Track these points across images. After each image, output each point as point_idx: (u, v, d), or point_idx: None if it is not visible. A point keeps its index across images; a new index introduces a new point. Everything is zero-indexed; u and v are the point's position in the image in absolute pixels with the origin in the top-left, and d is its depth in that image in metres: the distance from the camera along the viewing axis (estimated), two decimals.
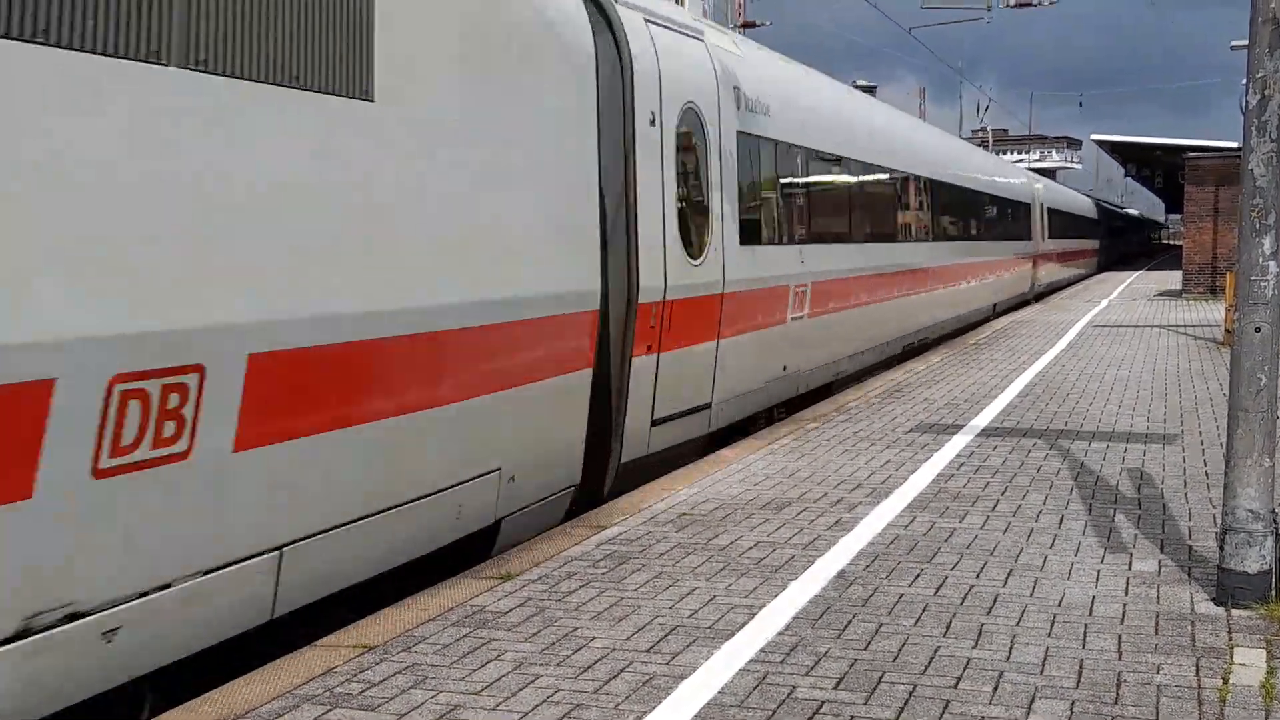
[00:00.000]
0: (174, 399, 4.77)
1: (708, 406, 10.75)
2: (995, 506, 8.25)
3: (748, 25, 41.57)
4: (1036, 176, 39.76)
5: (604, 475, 9.07)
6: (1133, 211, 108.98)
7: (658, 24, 9.96)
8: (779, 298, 12.39)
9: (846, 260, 14.93)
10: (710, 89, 10.80)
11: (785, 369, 12.78)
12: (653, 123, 9.51)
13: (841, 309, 14.72)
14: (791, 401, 13.39)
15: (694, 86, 10.41)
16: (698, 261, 10.30)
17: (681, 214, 10.04)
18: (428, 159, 6.44)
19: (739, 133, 11.45)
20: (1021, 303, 32.48)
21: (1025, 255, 32.24)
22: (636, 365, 9.25)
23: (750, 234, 11.68)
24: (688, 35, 10.60)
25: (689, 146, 10.34)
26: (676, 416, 10.11)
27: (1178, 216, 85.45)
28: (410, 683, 5.12)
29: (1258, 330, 6.03)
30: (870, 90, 39.20)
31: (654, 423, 9.68)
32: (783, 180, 12.93)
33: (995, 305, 28.42)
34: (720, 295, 10.79)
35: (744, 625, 5.82)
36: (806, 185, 13.77)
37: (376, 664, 5.34)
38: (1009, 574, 6.66)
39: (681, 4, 12.34)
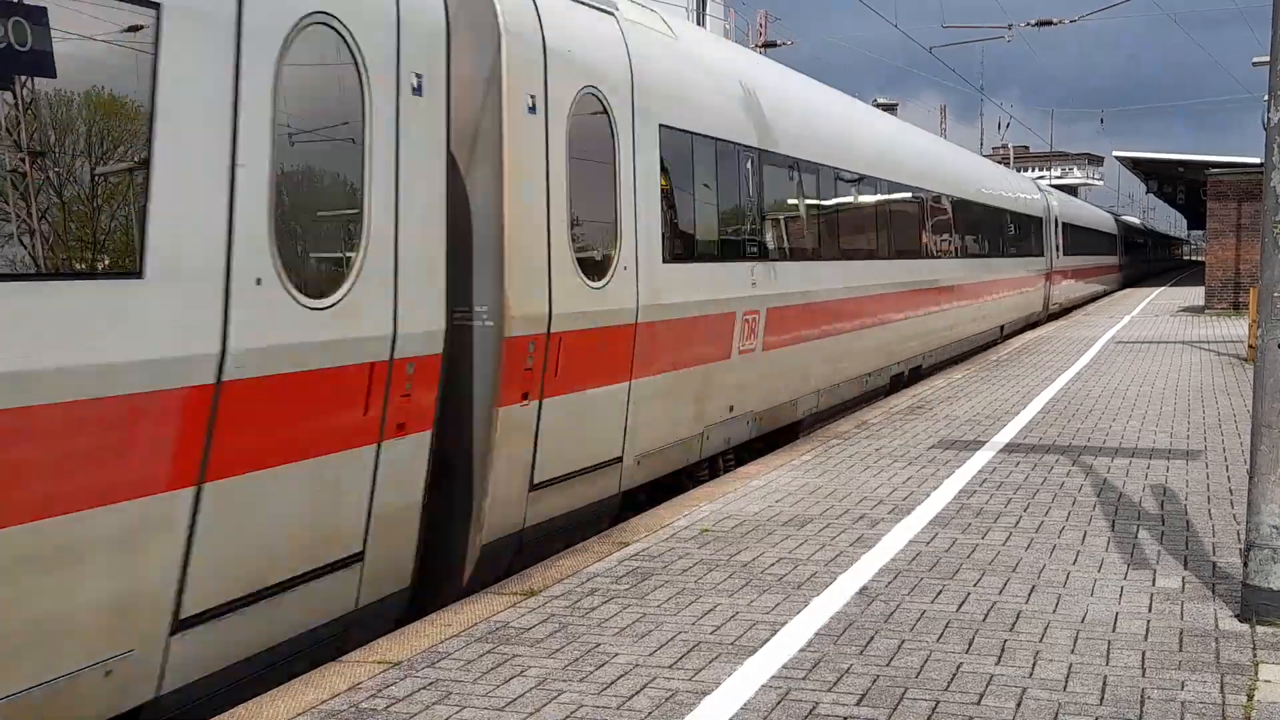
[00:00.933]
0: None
1: (617, 461, 8.86)
2: (1018, 523, 8.24)
3: (769, 45, 41.69)
4: (1051, 190, 38.86)
5: (460, 564, 7.34)
6: (1154, 227, 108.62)
7: None
8: (721, 325, 10.49)
9: (813, 281, 12.88)
10: (620, 72, 8.87)
11: (732, 409, 10.90)
12: (532, 109, 7.62)
13: (806, 338, 12.68)
14: (747, 445, 11.58)
15: (596, 68, 8.50)
16: (599, 284, 8.41)
17: (576, 225, 8.17)
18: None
19: (665, 126, 9.55)
20: (1033, 324, 31.19)
21: (1037, 272, 31.07)
22: (505, 418, 7.35)
23: (680, 250, 9.82)
24: (591, 7, 8.78)
25: (588, 140, 8.41)
26: (569, 477, 8.23)
27: (1199, 232, 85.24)
28: (435, 699, 5.15)
29: None
30: (890, 108, 39.20)
31: (534, 487, 7.82)
32: (725, 187, 10.90)
33: (1003, 327, 26.51)
34: (633, 325, 8.87)
35: (766, 641, 5.83)
36: (760, 192, 11.62)
37: (401, 680, 5.37)
38: (1032, 590, 6.65)
39: (705, 24, 11.75)
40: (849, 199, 14.67)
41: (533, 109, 7.62)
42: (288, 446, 5.56)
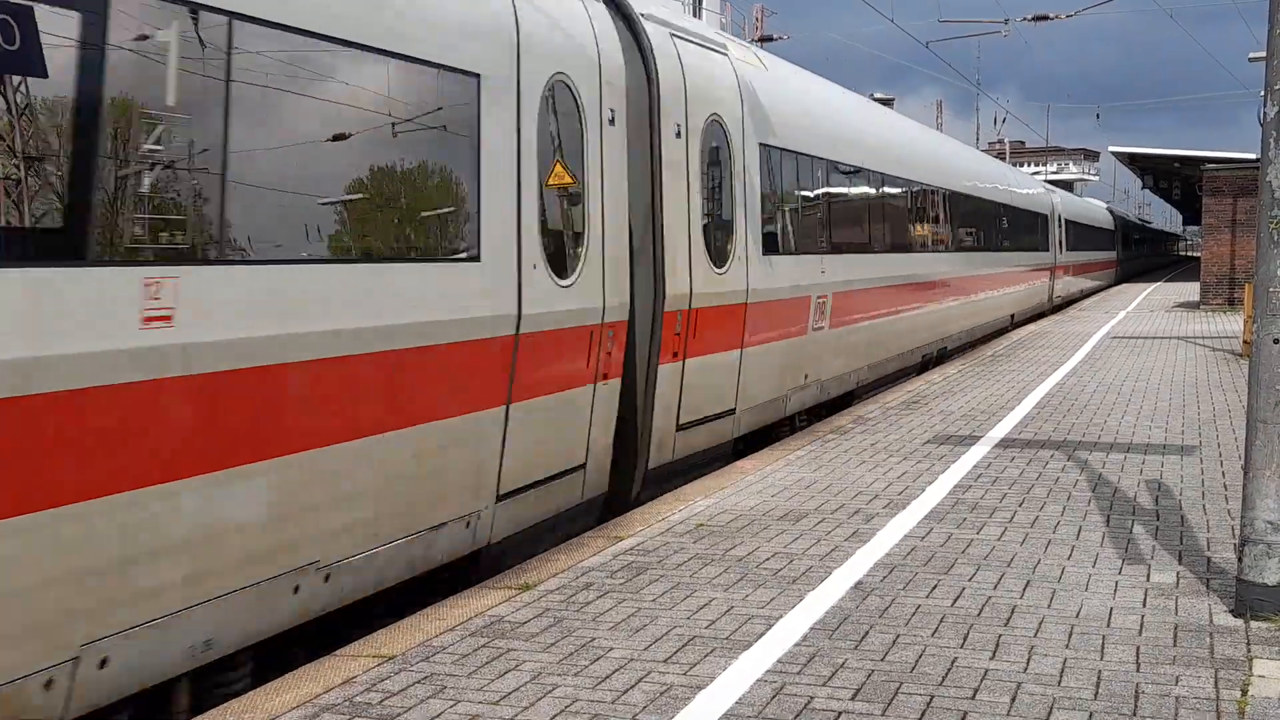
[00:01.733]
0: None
1: (731, 413, 10.87)
2: (1013, 518, 8.25)
3: (765, 39, 41.64)
4: (1054, 189, 39.48)
5: (630, 482, 9.26)
6: (1150, 223, 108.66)
7: (683, 39, 10.10)
8: (801, 307, 12.47)
9: (866, 271, 14.98)
10: (733, 101, 10.91)
11: (806, 378, 12.85)
12: (678, 135, 9.65)
13: (861, 319, 14.74)
14: (812, 410, 13.47)
15: (717, 99, 10.54)
16: (722, 271, 10.40)
17: (706, 224, 10.17)
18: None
19: (761, 144, 11.55)
20: (1039, 314, 32.31)
21: (1043, 267, 32.04)
22: (663, 372, 9.37)
23: (772, 244, 11.79)
24: (712, 49, 10.77)
25: (713, 158, 10.47)
26: (701, 422, 10.24)
27: (1195, 228, 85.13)
28: (429, 693, 5.15)
29: (1277, 342, 6.03)
30: (888, 103, 39.20)
31: (679, 428, 9.80)
32: (803, 191, 13.05)
33: (1013, 316, 28.35)
34: (744, 304, 10.88)
35: (761, 636, 5.83)
36: (826, 196, 13.89)
37: (395, 674, 5.37)
38: (1026, 585, 6.65)
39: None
40: (895, 202, 16.85)
41: (678, 135, 9.65)
42: (551, 382, 7.77)
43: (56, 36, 4.39)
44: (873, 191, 15.77)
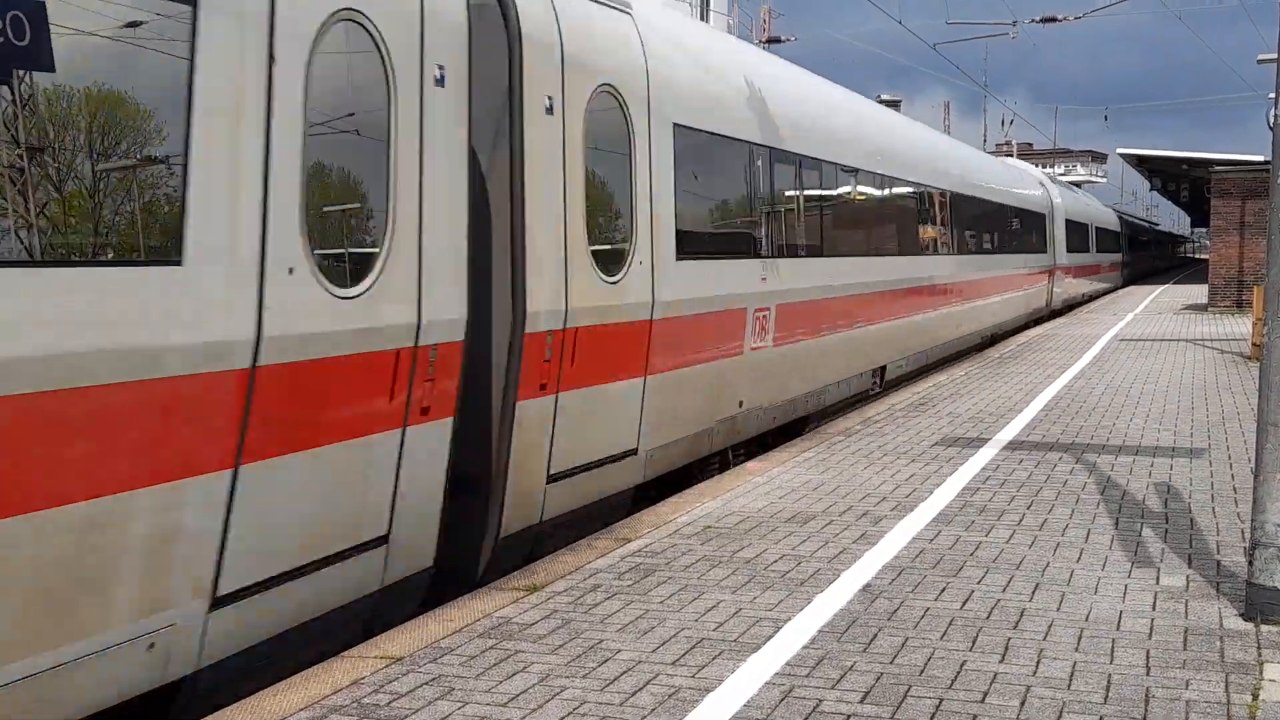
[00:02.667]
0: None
1: (633, 453, 8.97)
2: (1021, 520, 8.23)
3: (773, 40, 41.62)
4: (1056, 185, 38.47)
5: (477, 550, 7.40)
6: (1159, 225, 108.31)
7: None
8: (732, 322, 10.65)
9: (819, 278, 13.06)
10: (634, 71, 8.93)
11: (742, 405, 11.04)
12: (550, 110, 7.71)
13: (813, 335, 12.88)
14: (758, 438, 11.82)
15: (611, 67, 8.57)
16: (614, 280, 8.49)
17: (592, 221, 8.26)
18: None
19: (677, 125, 9.61)
20: (1037, 320, 31.27)
21: (1041, 269, 31.04)
22: (524, 410, 7.47)
23: (693, 247, 9.88)
24: (607, 5, 8.84)
25: (604, 139, 8.49)
26: (585, 469, 8.32)
27: (1203, 230, 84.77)
28: (437, 694, 5.14)
29: None
30: (894, 105, 39.11)
31: (551, 479, 7.90)
32: (739, 185, 11.11)
33: (1006, 323, 26.63)
34: (648, 321, 9.01)
35: (770, 638, 5.82)
36: (772, 190, 11.83)
37: (403, 675, 5.36)
38: (1035, 588, 6.64)
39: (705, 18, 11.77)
40: (856, 197, 15.04)
41: (549, 110, 7.76)
42: (320, 430, 5.76)
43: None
44: (828, 184, 13.73)
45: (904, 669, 5.39)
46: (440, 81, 6.51)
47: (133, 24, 4.69)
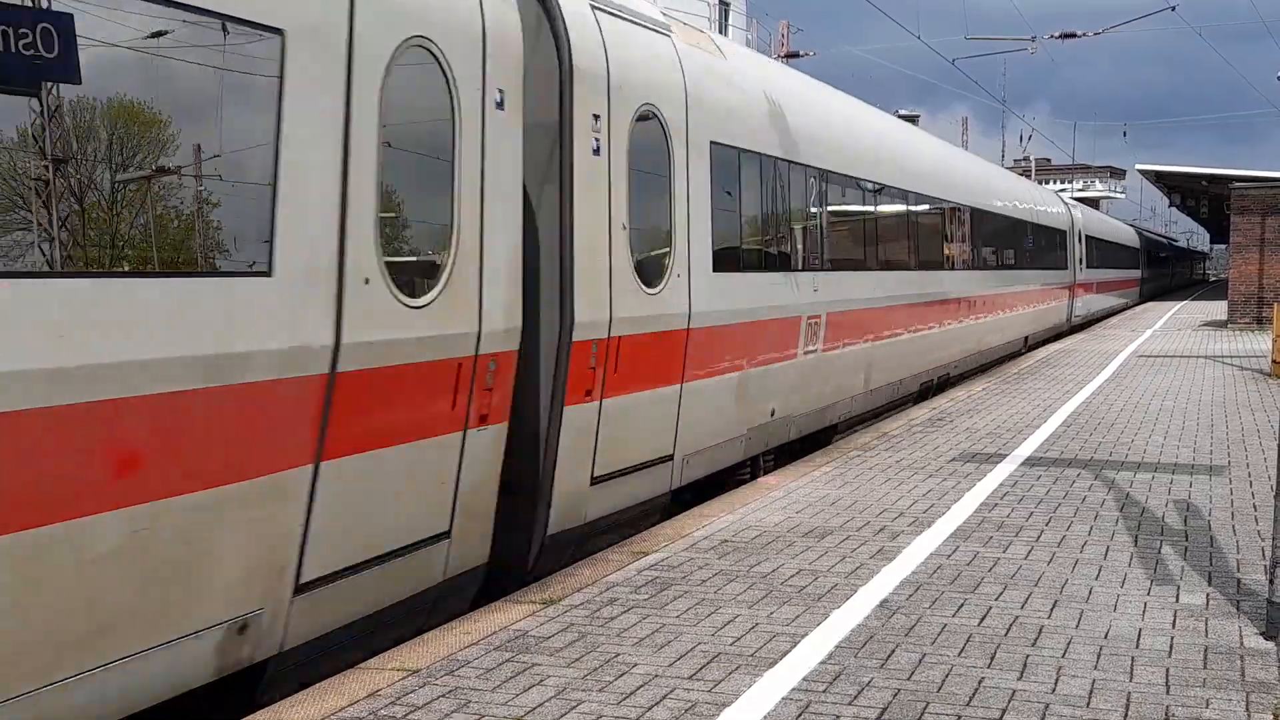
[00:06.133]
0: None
1: (668, 459, 9.20)
2: (1039, 537, 8.19)
3: (792, 55, 41.67)
4: (1075, 204, 38.78)
5: (526, 548, 7.66)
6: (1176, 240, 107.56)
7: (608, 13, 8.43)
8: (766, 332, 10.94)
9: (850, 291, 13.38)
10: (675, 91, 9.25)
11: (774, 413, 11.25)
12: (598, 127, 8.03)
13: (842, 346, 13.10)
14: (786, 447, 12.00)
15: (653, 87, 8.87)
16: (655, 290, 8.78)
17: (634, 234, 8.51)
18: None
19: (716, 143, 9.95)
20: (1057, 335, 31.44)
21: (1061, 285, 31.19)
22: (571, 415, 7.75)
23: (730, 259, 10.26)
24: (648, 29, 9.10)
25: (646, 156, 8.79)
26: (625, 473, 8.56)
27: (1222, 247, 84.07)
28: (453, 706, 5.14)
29: None
30: (913, 119, 39.09)
31: (595, 481, 8.16)
32: (775, 199, 11.46)
33: (1027, 339, 27.02)
34: (685, 331, 9.27)
35: (786, 653, 5.81)
36: (804, 206, 12.29)
37: (420, 687, 5.37)
38: (1054, 605, 6.60)
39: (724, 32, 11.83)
40: (887, 214, 15.60)
41: (596, 127, 8.05)
42: (391, 432, 6.10)
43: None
44: (860, 201, 14.30)
45: (921, 686, 5.37)
46: (500, 105, 6.89)
47: (227, 52, 5.04)
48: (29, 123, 4.34)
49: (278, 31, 5.20)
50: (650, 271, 8.77)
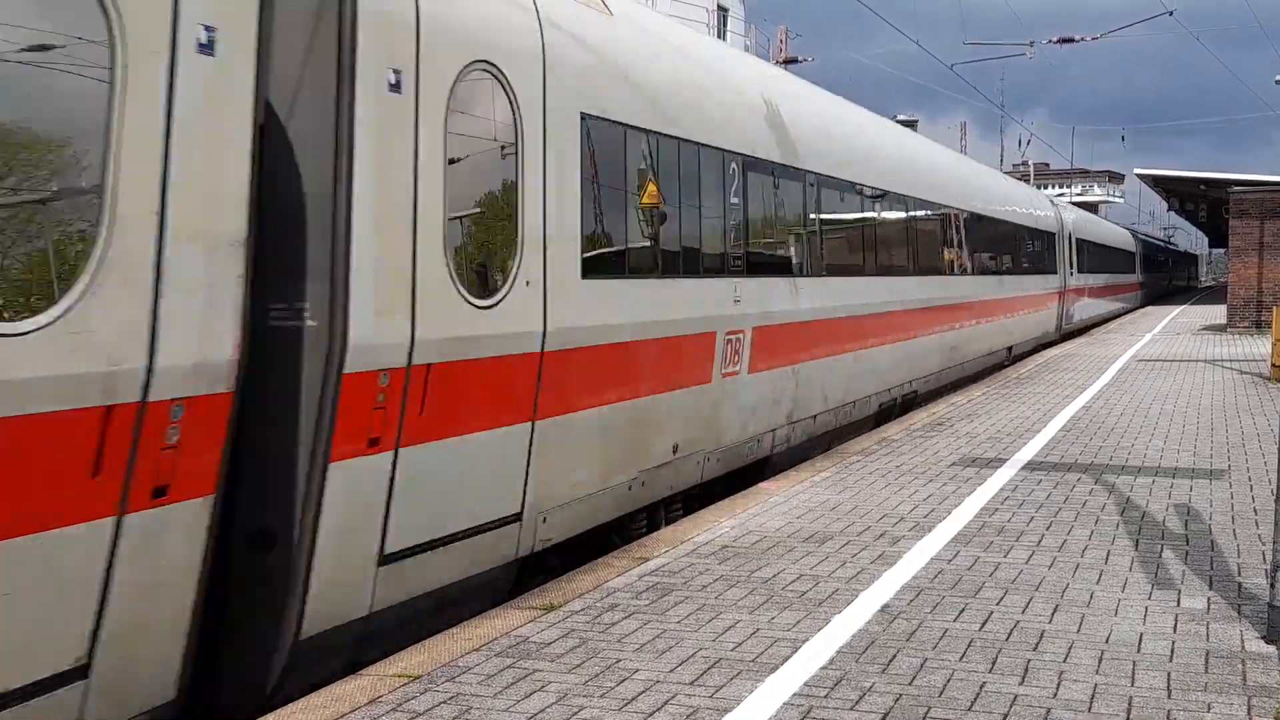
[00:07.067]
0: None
1: (516, 519, 7.33)
2: (1040, 541, 8.19)
3: (790, 61, 41.70)
4: (1065, 205, 37.95)
5: (265, 666, 5.74)
6: (1176, 245, 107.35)
7: None
8: (666, 351, 9.15)
9: (783, 300, 11.57)
10: (527, 48, 7.41)
11: (676, 450, 9.41)
12: (396, 87, 6.15)
13: (773, 365, 11.30)
14: (703, 486, 10.17)
15: (492, 42, 7.04)
16: (489, 302, 6.92)
17: (458, 229, 6.75)
18: None
19: (590, 116, 8.12)
20: (1046, 344, 30.04)
21: (1049, 291, 29.93)
22: (342, 473, 5.83)
23: (610, 262, 8.46)
24: None
25: (478, 126, 7.00)
26: (441, 543, 6.65)
27: (1221, 251, 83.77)
28: (455, 713, 5.13)
29: None
30: (911, 124, 39.08)
31: (385, 560, 6.23)
32: (680, 189, 9.52)
33: (1010, 349, 25.15)
34: (538, 354, 7.40)
35: (788, 659, 5.80)
36: (721, 198, 10.33)
37: (421, 694, 5.36)
38: (1055, 609, 6.60)
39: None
40: (828, 208, 13.32)
41: (396, 87, 6.22)
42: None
43: None
44: (789, 192, 12.05)
45: (923, 690, 5.37)
46: (209, 48, 5.01)
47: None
48: None
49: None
50: (482, 277, 6.98)
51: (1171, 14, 29.24)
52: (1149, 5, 30.63)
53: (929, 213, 17.98)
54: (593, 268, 8.10)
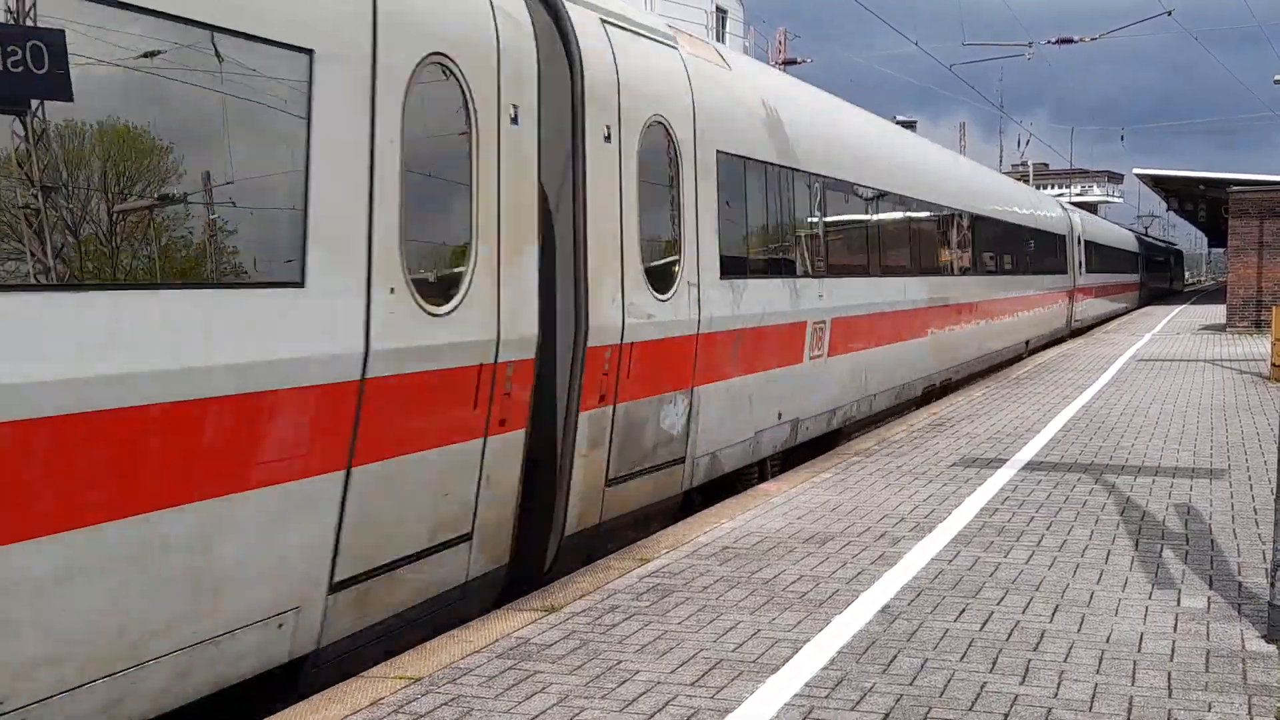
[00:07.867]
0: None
1: (681, 461, 9.50)
2: (1040, 541, 8.20)
3: (789, 62, 41.73)
4: (1074, 209, 38.92)
5: (544, 549, 7.89)
6: (1176, 245, 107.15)
7: (617, 26, 8.65)
8: (773, 337, 11.18)
9: (855, 296, 13.64)
10: (683, 102, 9.45)
11: (781, 417, 11.54)
12: (608, 138, 8.21)
13: (850, 349, 13.45)
14: (793, 450, 12.24)
15: (661, 98, 9.07)
16: (665, 298, 9.00)
17: (645, 243, 8.74)
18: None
19: (723, 153, 10.14)
20: (1058, 340, 31.59)
21: (1061, 290, 31.37)
22: (586, 420, 8.00)
23: (737, 266, 10.46)
24: (655, 41, 9.32)
25: (655, 166, 9.00)
26: (639, 474, 8.84)
27: (1220, 250, 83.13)
28: (456, 715, 5.14)
29: None
30: (910, 125, 39.15)
31: (610, 483, 8.42)
32: (779, 206, 11.67)
33: (1028, 342, 27.25)
34: (694, 336, 9.50)
35: (789, 659, 5.81)
36: (807, 212, 12.47)
37: (422, 695, 5.37)
38: (1055, 609, 6.61)
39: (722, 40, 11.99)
40: (894, 220, 15.99)
41: (607, 139, 8.24)
42: (417, 438, 6.35)
43: None
44: (867, 209, 14.56)
45: (924, 690, 5.38)
46: (514, 120, 7.11)
47: (257, 76, 5.19)
48: None
49: (306, 50, 5.46)
50: (661, 279, 9.00)
51: (1170, 14, 29.25)
52: (1148, 5, 30.65)
53: (966, 222, 20.72)
54: (726, 271, 10.11)
